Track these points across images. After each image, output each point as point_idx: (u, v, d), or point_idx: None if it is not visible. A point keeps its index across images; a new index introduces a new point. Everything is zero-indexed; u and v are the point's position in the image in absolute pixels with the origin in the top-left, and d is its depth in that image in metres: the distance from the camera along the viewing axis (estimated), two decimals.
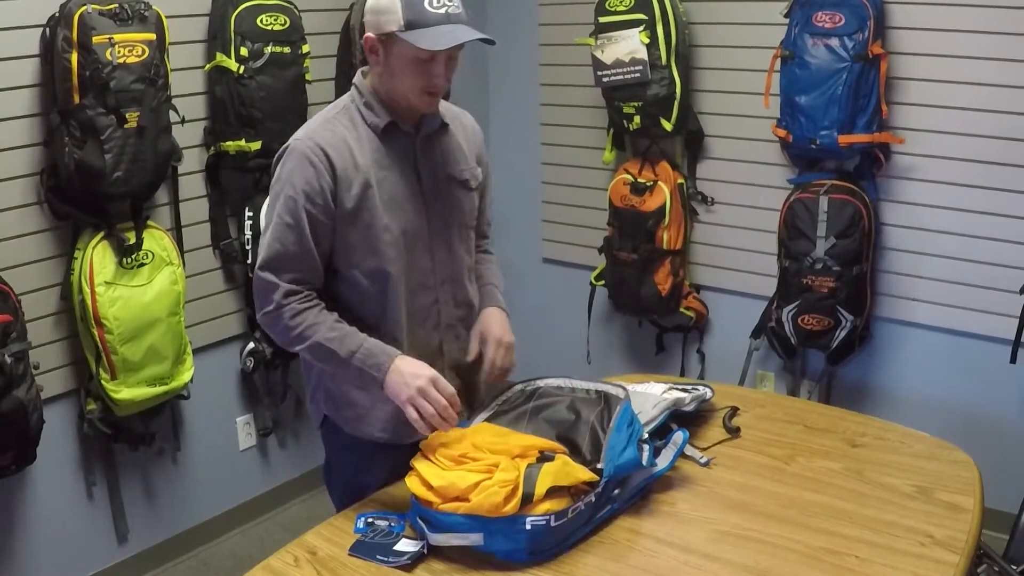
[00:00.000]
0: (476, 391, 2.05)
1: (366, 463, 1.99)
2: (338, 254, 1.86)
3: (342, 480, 2.06)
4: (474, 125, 2.06)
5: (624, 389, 1.92)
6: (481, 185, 2.04)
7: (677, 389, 2.16)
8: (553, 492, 1.63)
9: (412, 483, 1.69)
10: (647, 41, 3.11)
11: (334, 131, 1.83)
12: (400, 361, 1.80)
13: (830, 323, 2.98)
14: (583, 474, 1.68)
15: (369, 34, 1.80)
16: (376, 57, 1.82)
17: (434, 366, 1.83)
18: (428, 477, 1.66)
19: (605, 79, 3.22)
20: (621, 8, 3.14)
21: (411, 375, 1.77)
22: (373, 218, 1.83)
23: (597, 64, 3.23)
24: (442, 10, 1.73)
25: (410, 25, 1.72)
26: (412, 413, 1.76)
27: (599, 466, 1.71)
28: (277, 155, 1.86)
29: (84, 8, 2.37)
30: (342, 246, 1.84)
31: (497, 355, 1.98)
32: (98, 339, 2.58)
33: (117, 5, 2.42)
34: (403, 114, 1.87)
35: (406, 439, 1.91)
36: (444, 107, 1.96)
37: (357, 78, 1.90)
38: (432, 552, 1.66)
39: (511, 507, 1.58)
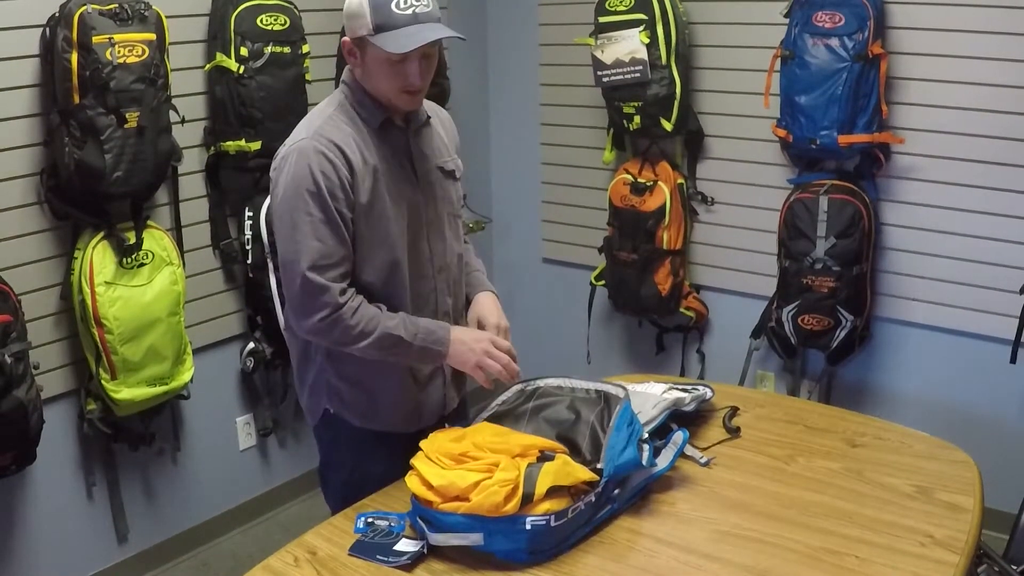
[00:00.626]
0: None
1: (366, 454, 2.00)
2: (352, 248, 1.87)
3: (341, 475, 2.06)
4: (449, 118, 2.11)
5: (624, 389, 1.92)
6: (462, 175, 2.08)
7: (677, 389, 2.16)
8: (553, 492, 1.63)
9: (412, 483, 1.69)
10: (647, 41, 3.11)
11: (339, 127, 1.84)
12: (456, 332, 1.91)
13: (830, 323, 2.98)
14: (583, 474, 1.68)
15: (345, 38, 1.82)
16: (354, 60, 1.84)
17: None
18: (428, 476, 1.66)
19: (605, 79, 3.22)
20: (621, 8, 3.13)
21: (473, 340, 1.91)
22: (384, 210, 1.86)
23: (597, 64, 3.22)
24: (409, 11, 1.75)
25: (379, 28, 1.75)
26: (480, 375, 1.91)
27: (599, 466, 1.71)
28: (280, 157, 1.85)
29: (84, 8, 2.36)
30: (356, 239, 1.86)
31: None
32: (98, 339, 2.58)
33: (117, 5, 2.41)
34: (391, 110, 1.89)
35: (411, 427, 1.97)
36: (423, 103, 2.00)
37: (346, 75, 1.91)
38: (432, 552, 1.66)
39: (511, 507, 1.58)
